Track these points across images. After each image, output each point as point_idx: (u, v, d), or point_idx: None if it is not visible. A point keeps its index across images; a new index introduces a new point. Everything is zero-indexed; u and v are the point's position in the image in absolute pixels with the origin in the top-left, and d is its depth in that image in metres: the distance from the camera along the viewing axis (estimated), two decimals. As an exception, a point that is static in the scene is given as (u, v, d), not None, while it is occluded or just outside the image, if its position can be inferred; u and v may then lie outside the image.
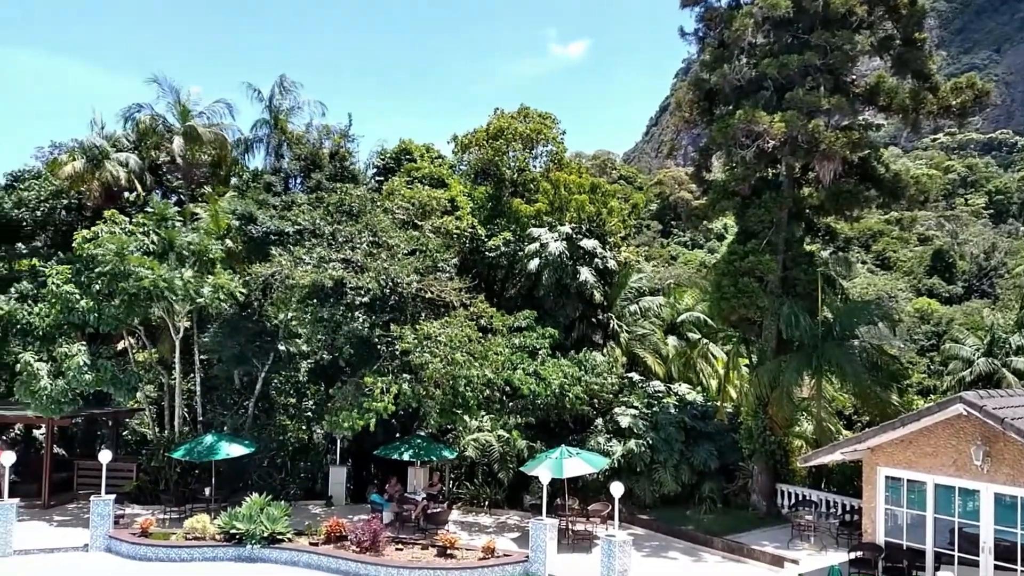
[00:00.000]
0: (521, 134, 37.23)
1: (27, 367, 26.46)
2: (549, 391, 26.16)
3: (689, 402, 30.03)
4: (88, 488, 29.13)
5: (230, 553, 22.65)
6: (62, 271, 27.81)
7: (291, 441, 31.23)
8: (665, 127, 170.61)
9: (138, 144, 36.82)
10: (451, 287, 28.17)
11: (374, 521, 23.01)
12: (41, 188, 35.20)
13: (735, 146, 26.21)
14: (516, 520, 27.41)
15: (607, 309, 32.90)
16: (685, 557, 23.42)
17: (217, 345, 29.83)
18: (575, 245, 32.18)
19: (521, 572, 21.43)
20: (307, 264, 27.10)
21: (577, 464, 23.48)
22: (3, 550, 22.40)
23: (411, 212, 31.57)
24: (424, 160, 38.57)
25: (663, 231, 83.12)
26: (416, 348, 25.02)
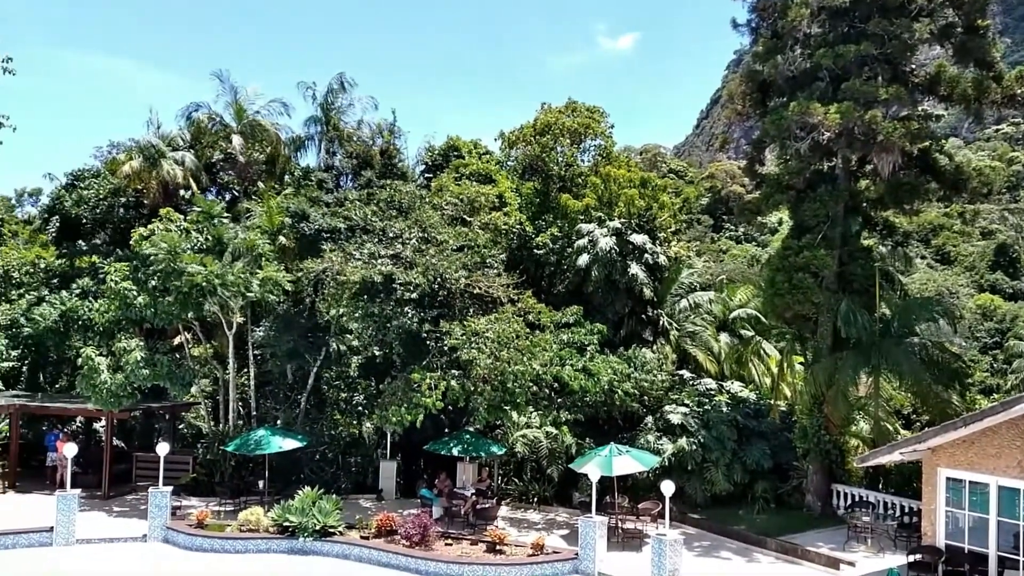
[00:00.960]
0: (569, 129, 36.94)
1: (88, 361, 27.17)
2: (598, 387, 25.98)
3: (741, 400, 29.54)
4: (146, 480, 29.88)
5: (283, 545, 22.96)
6: (120, 268, 28.48)
7: (342, 436, 31.55)
8: (716, 120, 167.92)
9: (194, 143, 37.62)
10: (499, 283, 28.13)
11: (423, 516, 23.12)
12: (100, 187, 36.23)
13: (789, 138, 25.66)
14: (565, 517, 27.29)
15: (657, 305, 32.52)
16: (738, 557, 23.05)
17: (271, 340, 30.27)
18: (624, 240, 31.85)
19: (571, 569, 21.31)
20: (357, 260, 27.32)
21: (627, 462, 23.26)
22: (67, 539, 23.05)
23: (460, 208, 31.60)
24: (472, 156, 38.59)
25: (714, 226, 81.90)
26: (464, 344, 25.04)
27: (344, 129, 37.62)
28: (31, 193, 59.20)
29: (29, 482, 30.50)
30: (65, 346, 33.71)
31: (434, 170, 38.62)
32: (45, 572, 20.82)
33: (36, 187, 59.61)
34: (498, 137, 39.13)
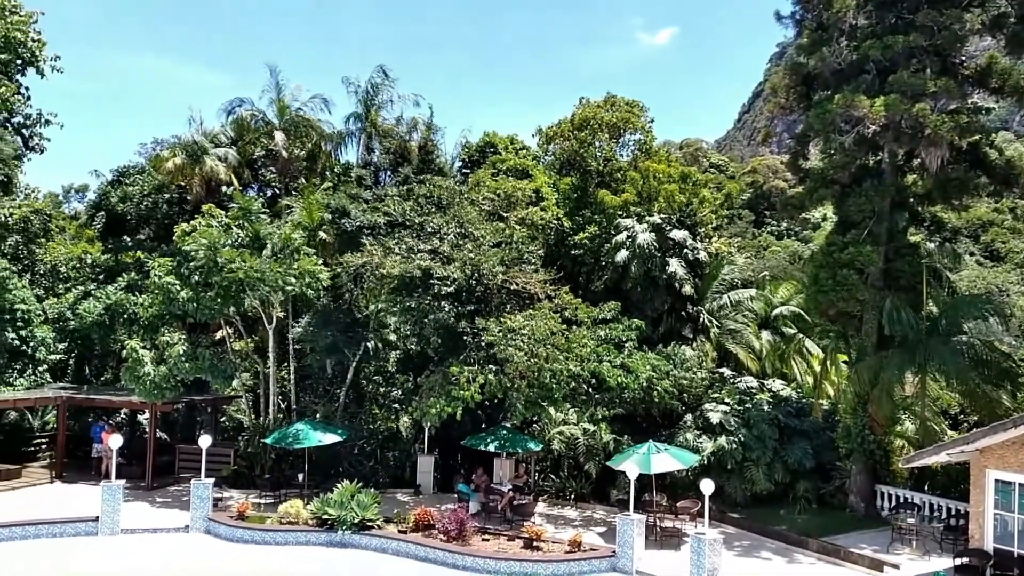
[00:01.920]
0: (607, 123, 36.67)
1: (132, 354, 27.67)
2: (637, 384, 25.76)
3: (783, 399, 29.09)
4: (188, 471, 30.31)
5: (322, 538, 23.17)
6: (164, 263, 28.93)
7: (380, 430, 31.74)
8: (759, 114, 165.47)
9: (236, 139, 38.05)
10: (536, 279, 28.04)
11: (460, 511, 23.16)
12: (144, 183, 36.84)
13: (834, 132, 25.18)
14: (602, 515, 27.14)
15: (697, 302, 32.17)
16: (778, 558, 22.70)
17: (310, 335, 30.53)
18: (664, 236, 31.56)
19: (608, 567, 21.19)
20: (396, 254, 27.43)
21: (665, 460, 23.04)
22: (111, 528, 23.51)
23: (496, 204, 31.55)
24: (508, 152, 38.51)
25: (755, 221, 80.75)
26: (500, 341, 25.02)
27: (382, 125, 37.78)
28: (78, 189, 60.54)
29: (75, 472, 31.17)
30: (110, 339, 34.39)
31: (471, 166, 38.63)
32: (89, 561, 21.21)
33: (83, 183, 61.05)
34: (536, 133, 39.01)
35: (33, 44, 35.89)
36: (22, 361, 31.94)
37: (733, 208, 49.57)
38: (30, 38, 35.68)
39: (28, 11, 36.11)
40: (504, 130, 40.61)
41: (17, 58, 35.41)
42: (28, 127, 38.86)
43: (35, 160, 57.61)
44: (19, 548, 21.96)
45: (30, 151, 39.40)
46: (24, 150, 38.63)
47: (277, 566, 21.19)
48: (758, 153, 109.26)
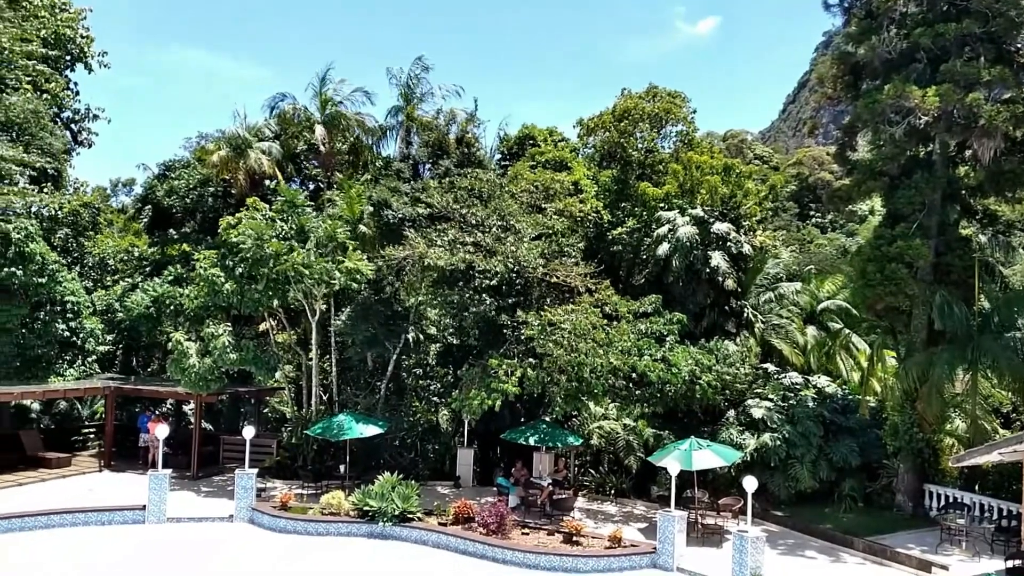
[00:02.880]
0: (649, 114, 36.24)
1: (178, 345, 28.09)
2: (678, 379, 25.48)
3: (829, 395, 28.55)
4: (232, 462, 30.81)
5: (363, 529, 23.33)
6: (209, 255, 29.30)
7: (420, 422, 31.86)
8: (804, 104, 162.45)
9: (280, 133, 38.41)
10: (576, 272, 27.86)
11: (500, 504, 23.15)
12: (190, 177, 37.35)
13: (883, 123, 24.56)
14: (643, 511, 26.94)
15: (740, 296, 31.68)
16: (823, 557, 22.32)
17: (352, 328, 30.73)
18: (707, 229, 31.11)
19: (649, 563, 21.01)
20: (439, 247, 27.44)
21: (707, 456, 22.76)
22: (158, 517, 23.92)
23: (534, 195, 31.39)
24: (547, 144, 38.31)
25: (800, 214, 79.25)
26: (540, 336, 24.89)
27: (421, 117, 37.85)
28: (125, 183, 61.73)
29: (123, 461, 31.81)
30: (157, 331, 34.98)
31: (510, 158, 38.51)
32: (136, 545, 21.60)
33: (130, 177, 62.23)
34: (576, 124, 38.71)
35: (82, 40, 36.67)
36: (72, 352, 32.62)
37: (777, 200, 48.46)
38: (79, 35, 36.42)
39: (77, 8, 36.84)
40: (543, 123, 40.33)
41: (66, 54, 36.21)
42: (77, 122, 39.75)
43: (83, 154, 58.92)
44: (69, 535, 22.44)
45: (79, 145, 40.29)
46: (73, 144, 39.48)
47: (319, 556, 21.34)
48: (803, 144, 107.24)
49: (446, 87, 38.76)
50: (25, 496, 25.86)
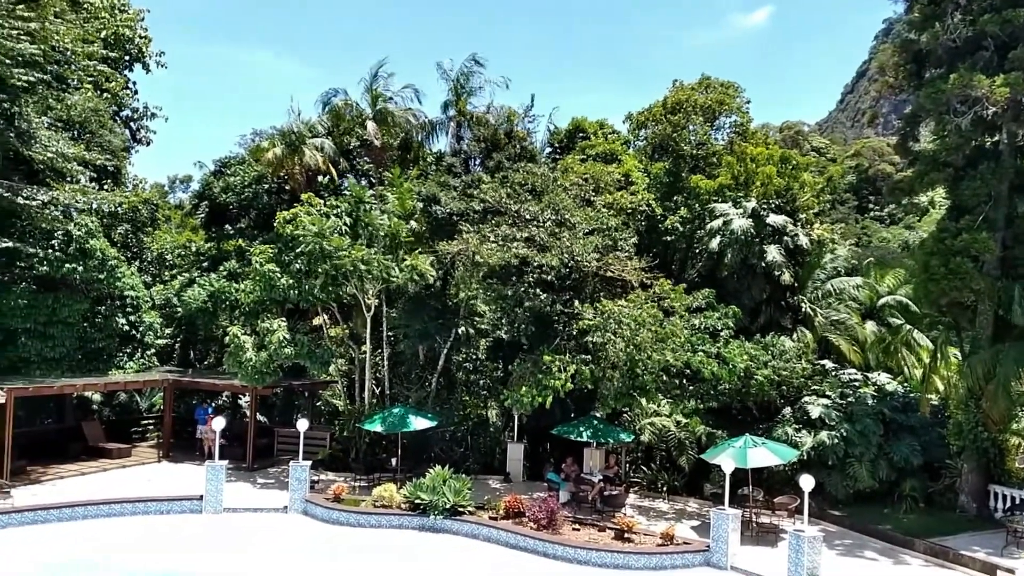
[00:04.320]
0: (702, 106, 35.66)
1: (235, 339, 28.51)
2: (733, 375, 25.03)
3: (889, 393, 27.78)
4: (286, 454, 31.24)
5: (415, 522, 23.45)
6: (264, 251, 29.68)
7: (470, 417, 31.91)
8: (863, 94, 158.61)
9: (332, 129, 38.76)
10: (631, 266, 27.57)
11: (551, 500, 23.03)
12: (245, 173, 37.91)
13: (948, 113, 23.77)
14: (695, 508, 26.57)
15: (797, 291, 31.02)
16: (884, 559, 21.72)
17: (404, 322, 30.87)
18: (762, 222, 30.50)
19: (702, 562, 20.72)
20: (492, 242, 27.39)
21: (762, 454, 22.30)
22: (215, 507, 24.36)
23: (584, 188, 31.11)
24: (598, 137, 37.98)
25: (859, 207, 77.42)
26: (598, 328, 24.67)
27: (473, 112, 37.81)
28: (182, 180, 62.93)
29: (181, 452, 32.46)
30: (213, 325, 35.62)
31: (560, 151, 38.27)
32: (191, 536, 22.02)
33: (187, 174, 63.40)
34: (627, 118, 38.30)
35: (140, 41, 37.47)
36: (132, 345, 33.38)
37: (835, 193, 47.37)
38: (137, 35, 37.21)
39: (135, 9, 37.62)
40: (593, 116, 39.98)
41: (125, 54, 37.01)
42: (135, 120, 40.68)
43: (142, 152, 60.25)
44: (130, 523, 22.98)
45: (137, 143, 41.20)
46: (132, 142, 40.39)
47: (372, 548, 21.49)
48: (862, 135, 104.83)
49: (494, 80, 38.72)
50: (88, 485, 26.57)
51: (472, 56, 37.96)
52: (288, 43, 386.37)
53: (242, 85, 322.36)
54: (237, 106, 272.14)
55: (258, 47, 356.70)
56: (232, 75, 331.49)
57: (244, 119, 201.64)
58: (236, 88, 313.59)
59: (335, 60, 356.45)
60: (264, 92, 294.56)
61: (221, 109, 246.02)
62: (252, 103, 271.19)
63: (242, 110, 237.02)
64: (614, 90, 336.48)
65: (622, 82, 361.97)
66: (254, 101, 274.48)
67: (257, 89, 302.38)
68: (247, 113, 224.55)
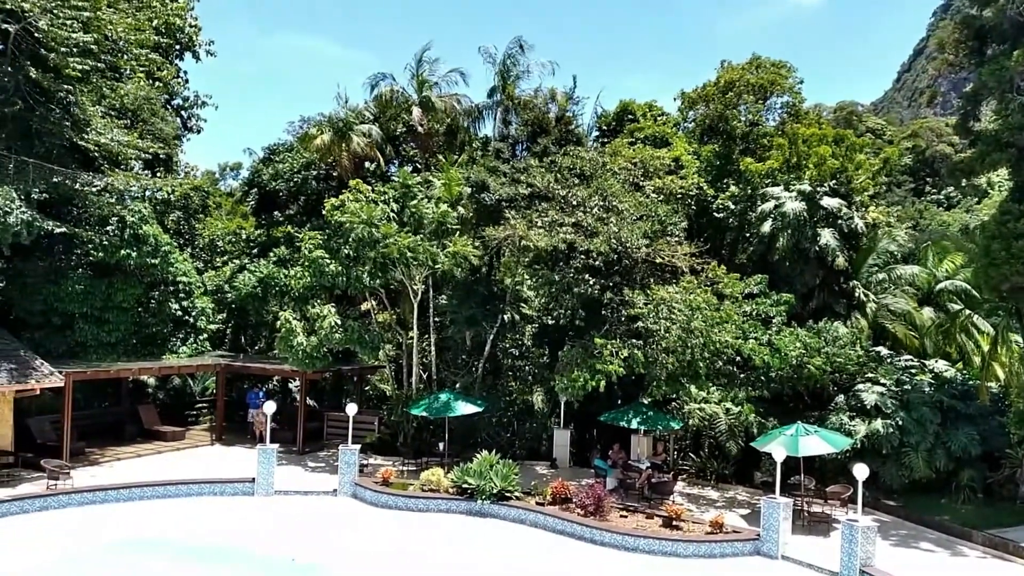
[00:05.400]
0: (753, 86, 34.86)
1: (286, 324, 28.84)
2: (785, 363, 24.56)
3: (947, 380, 27.00)
4: (335, 437, 31.58)
5: (462, 507, 23.56)
6: (313, 237, 29.91)
7: (516, 402, 31.89)
8: (920, 73, 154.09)
9: (379, 116, 38.85)
10: (681, 251, 27.17)
11: (598, 486, 22.93)
12: (294, 160, 38.25)
13: (1011, 91, 22.89)
14: (745, 497, 26.20)
15: (851, 276, 30.26)
16: (940, 550, 21.18)
17: (451, 308, 30.93)
18: (815, 205, 29.76)
19: (752, 550, 20.45)
20: (539, 228, 27.21)
21: (815, 442, 21.87)
22: (266, 489, 24.75)
23: (633, 173, 30.71)
24: (647, 120, 37.43)
25: (915, 189, 75.26)
26: (650, 314, 24.37)
27: (520, 97, 37.57)
28: (232, 167, 63.62)
29: (233, 435, 33.08)
30: (264, 310, 36.09)
31: (608, 135, 37.84)
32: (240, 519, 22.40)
33: (237, 161, 64.06)
34: (677, 97, 37.64)
35: (190, 30, 37.90)
36: (185, 330, 33.99)
37: (892, 175, 45.93)
38: (187, 24, 37.66)
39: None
40: (641, 98, 39.46)
41: (176, 43, 37.50)
42: (186, 109, 41.26)
43: (193, 139, 61.09)
44: (185, 504, 23.47)
45: (188, 131, 41.80)
46: (183, 130, 40.99)
47: (421, 531, 21.64)
48: (919, 115, 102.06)
49: (541, 64, 38.41)
50: (144, 467, 27.21)
51: (518, 40, 37.75)
52: (334, 27, 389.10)
53: (290, 71, 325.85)
54: (287, 92, 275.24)
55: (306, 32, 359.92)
56: (280, 61, 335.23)
57: (293, 105, 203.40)
58: (284, 74, 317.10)
59: (381, 43, 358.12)
60: (312, 77, 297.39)
61: (270, 95, 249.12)
62: (300, 88, 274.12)
63: (292, 96, 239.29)
64: (663, 72, 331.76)
65: (671, 64, 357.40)
66: (302, 86, 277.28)
67: (305, 74, 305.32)
68: (295, 100, 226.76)
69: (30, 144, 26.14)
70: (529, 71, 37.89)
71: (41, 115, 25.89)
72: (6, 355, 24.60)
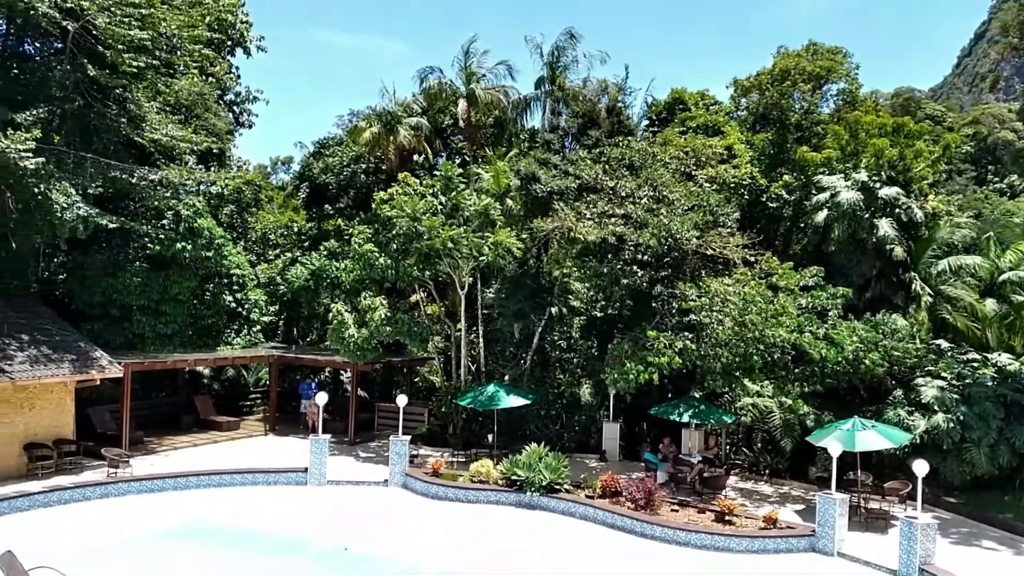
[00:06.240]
0: (809, 73, 34.02)
1: (338, 316, 29.14)
2: (841, 356, 24.01)
3: (1011, 374, 26.03)
4: (385, 428, 31.87)
5: (511, 498, 23.59)
6: (363, 230, 30.14)
7: (565, 395, 31.77)
8: (982, 57, 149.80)
9: (427, 108, 38.95)
10: (733, 243, 26.71)
11: (648, 480, 22.73)
12: (343, 154, 38.60)
13: (1081, 73, 22.00)
14: (800, 492, 25.70)
15: (910, 267, 29.41)
16: (1003, 548, 20.52)
17: (499, 301, 30.92)
18: (872, 194, 28.96)
19: (807, 547, 20.08)
20: (588, 220, 26.99)
21: (872, 437, 21.31)
22: (319, 479, 25.06)
23: (684, 162, 30.24)
24: (698, 109, 36.85)
25: (976, 178, 72.84)
26: (703, 308, 24.01)
27: (570, 88, 37.27)
28: (284, 161, 64.38)
29: (286, 425, 33.56)
30: (315, 303, 36.50)
31: (658, 124, 37.36)
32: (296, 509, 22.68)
33: (288, 155, 64.85)
34: (730, 85, 36.96)
35: (241, 26, 38.39)
36: (238, 322, 34.55)
37: (952, 163, 44.43)
38: (238, 20, 38.17)
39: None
40: (692, 87, 38.75)
41: (227, 39, 38.03)
42: (238, 104, 41.86)
43: (245, 134, 61.78)
44: (239, 493, 23.88)
45: (240, 126, 42.42)
46: (235, 125, 41.61)
47: (471, 523, 21.69)
48: (981, 101, 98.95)
49: (590, 54, 38.06)
50: (200, 456, 27.76)
51: (567, 31, 37.52)
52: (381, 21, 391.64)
53: (340, 64, 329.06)
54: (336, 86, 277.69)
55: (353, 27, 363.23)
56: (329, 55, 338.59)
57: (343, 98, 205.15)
58: (334, 68, 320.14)
59: (428, 35, 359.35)
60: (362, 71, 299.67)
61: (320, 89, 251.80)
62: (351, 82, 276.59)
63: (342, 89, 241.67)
64: (715, 59, 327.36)
65: (722, 51, 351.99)
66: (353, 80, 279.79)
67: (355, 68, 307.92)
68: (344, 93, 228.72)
69: (88, 140, 26.75)
70: (577, 61, 37.64)
71: (99, 111, 26.48)
72: (67, 346, 25.25)
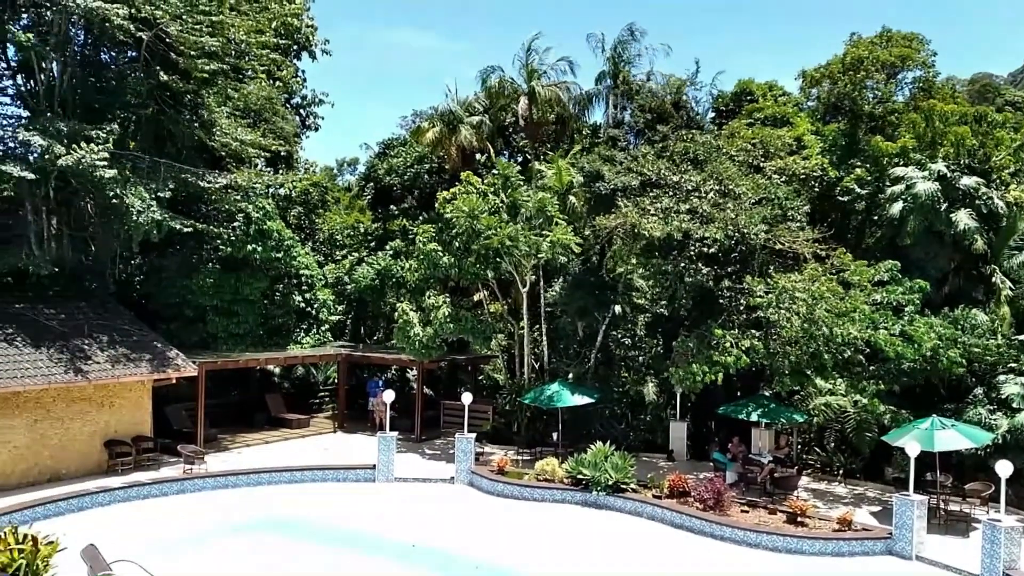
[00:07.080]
0: (883, 61, 32.84)
1: (403, 315, 29.43)
2: (919, 354, 23.18)
3: (1100, 371, 24.87)
4: (451, 426, 32.04)
5: (577, 497, 23.48)
6: (427, 230, 30.37)
7: (629, 393, 31.46)
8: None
9: (488, 108, 39.03)
10: (803, 237, 26.03)
11: (717, 480, 22.34)
12: (407, 155, 38.97)
13: None
14: (875, 493, 24.91)
15: (990, 260, 28.23)
16: (1097, 556, 19.54)
17: (563, 299, 30.78)
18: (950, 185, 27.86)
19: (883, 550, 19.48)
20: (652, 216, 26.63)
21: (952, 437, 20.54)
22: (387, 476, 25.37)
23: (752, 154, 29.56)
24: (767, 100, 36.00)
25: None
26: (771, 304, 23.48)
27: (633, 82, 36.85)
28: (349, 163, 65.19)
29: (353, 423, 34.05)
30: (381, 302, 36.93)
31: (726, 116, 36.66)
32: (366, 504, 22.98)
33: (353, 157, 65.60)
34: (798, 76, 35.99)
35: (307, 30, 39.06)
36: (307, 321, 35.19)
37: (1035, 151, 42.34)
38: (304, 24, 38.84)
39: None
40: (759, 77, 37.89)
41: (293, 43, 38.74)
42: (305, 107, 42.62)
43: (311, 136, 62.66)
44: (309, 489, 24.33)
45: (307, 129, 43.18)
46: (302, 128, 42.38)
47: (538, 521, 21.66)
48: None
49: (653, 47, 37.58)
50: (271, 453, 28.38)
51: (629, 26, 37.14)
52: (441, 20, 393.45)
53: (403, 65, 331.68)
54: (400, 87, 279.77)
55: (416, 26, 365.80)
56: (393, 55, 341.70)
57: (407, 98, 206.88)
58: (397, 69, 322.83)
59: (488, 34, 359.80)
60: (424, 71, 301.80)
61: (384, 91, 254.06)
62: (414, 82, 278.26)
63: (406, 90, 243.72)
64: (781, 48, 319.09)
65: (790, 39, 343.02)
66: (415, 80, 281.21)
67: (417, 68, 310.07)
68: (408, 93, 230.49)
69: (161, 145, 27.55)
70: (640, 55, 37.21)
71: (171, 117, 27.25)
72: (144, 346, 26.05)
